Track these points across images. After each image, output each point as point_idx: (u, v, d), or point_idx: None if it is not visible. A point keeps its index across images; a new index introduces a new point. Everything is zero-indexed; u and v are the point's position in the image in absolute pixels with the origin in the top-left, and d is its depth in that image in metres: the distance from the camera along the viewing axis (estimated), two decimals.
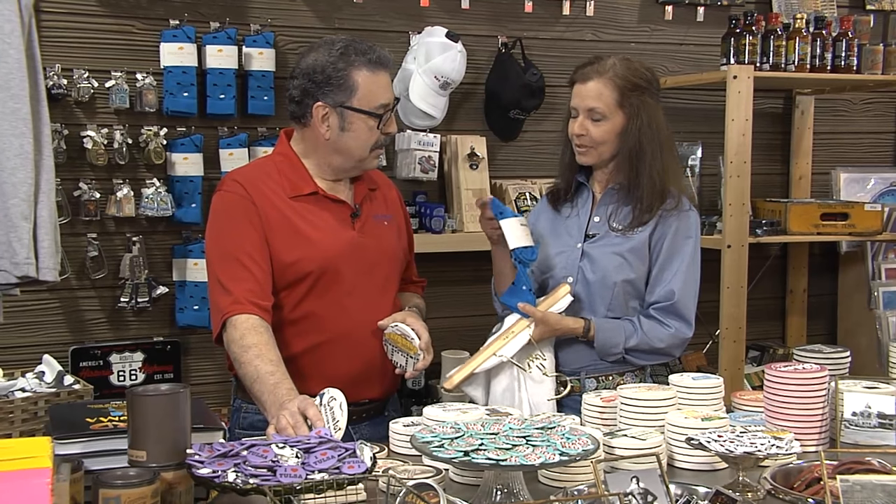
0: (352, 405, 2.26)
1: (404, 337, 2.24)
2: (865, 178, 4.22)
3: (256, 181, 2.28)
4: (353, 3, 3.48)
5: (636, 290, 2.43)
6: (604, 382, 2.39)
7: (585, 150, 2.45)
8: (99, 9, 3.18)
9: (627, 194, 2.44)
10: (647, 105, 2.41)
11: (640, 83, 2.41)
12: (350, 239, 2.29)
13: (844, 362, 2.33)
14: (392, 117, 2.30)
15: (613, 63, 2.42)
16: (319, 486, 1.55)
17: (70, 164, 3.11)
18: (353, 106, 2.24)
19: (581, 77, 2.44)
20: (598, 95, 2.40)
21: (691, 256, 2.43)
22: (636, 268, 2.42)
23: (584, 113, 2.42)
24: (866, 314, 4.08)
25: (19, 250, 2.59)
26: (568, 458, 1.66)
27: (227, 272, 2.21)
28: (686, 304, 2.41)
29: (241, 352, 2.12)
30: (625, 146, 2.41)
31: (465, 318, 2.88)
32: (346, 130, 2.26)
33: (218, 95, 3.22)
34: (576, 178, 2.54)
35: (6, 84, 2.58)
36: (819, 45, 3.66)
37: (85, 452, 1.70)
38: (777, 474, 1.84)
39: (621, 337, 2.39)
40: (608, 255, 2.42)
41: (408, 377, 2.29)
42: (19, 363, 2.71)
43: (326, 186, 2.32)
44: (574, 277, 2.45)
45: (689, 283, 2.42)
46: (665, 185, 2.41)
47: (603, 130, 2.41)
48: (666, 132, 2.44)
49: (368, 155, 2.29)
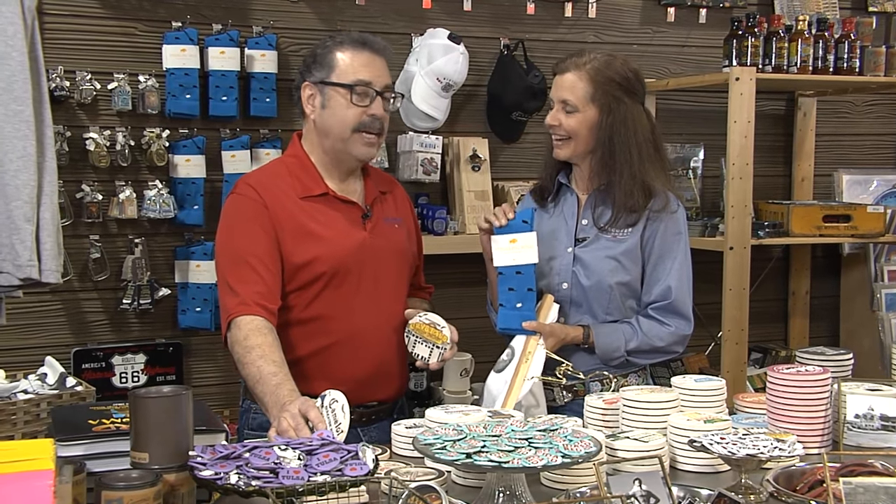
0: (360, 407, 2.27)
1: (433, 326, 2.23)
2: (868, 180, 4.22)
3: (269, 184, 2.29)
4: (355, 5, 3.48)
5: (632, 291, 2.43)
6: (608, 385, 2.39)
7: (560, 143, 2.45)
8: (101, 11, 3.18)
9: (609, 195, 2.44)
10: (622, 103, 2.39)
11: (616, 79, 2.40)
12: (361, 239, 2.29)
13: (847, 364, 2.33)
14: (378, 100, 2.27)
15: (593, 58, 2.42)
16: (321, 488, 1.55)
17: (72, 165, 3.12)
18: (331, 80, 2.27)
19: (560, 69, 2.45)
20: (572, 87, 2.40)
21: (683, 253, 2.44)
22: (630, 270, 2.41)
23: (558, 104, 2.44)
24: (869, 316, 4.07)
25: (22, 252, 2.60)
26: (570, 461, 1.66)
27: (236, 274, 2.21)
28: (683, 301, 2.42)
29: (244, 352, 2.12)
30: (598, 142, 2.40)
31: (467, 320, 2.87)
32: (326, 107, 2.28)
33: (220, 97, 3.23)
34: (557, 180, 2.54)
35: (9, 86, 2.58)
36: (821, 46, 3.65)
37: (87, 454, 1.71)
38: (780, 477, 1.83)
39: (621, 340, 2.39)
40: (601, 259, 2.42)
41: (431, 368, 2.28)
42: (22, 365, 2.72)
43: (337, 188, 2.32)
44: (568, 283, 2.44)
45: (684, 279, 2.43)
46: (646, 185, 2.39)
47: (574, 122, 2.41)
48: (647, 133, 2.42)
49: (350, 136, 2.27)
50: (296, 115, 3.41)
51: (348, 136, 2.27)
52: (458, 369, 3.33)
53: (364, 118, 2.26)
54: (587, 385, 2.41)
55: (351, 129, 2.26)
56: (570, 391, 2.42)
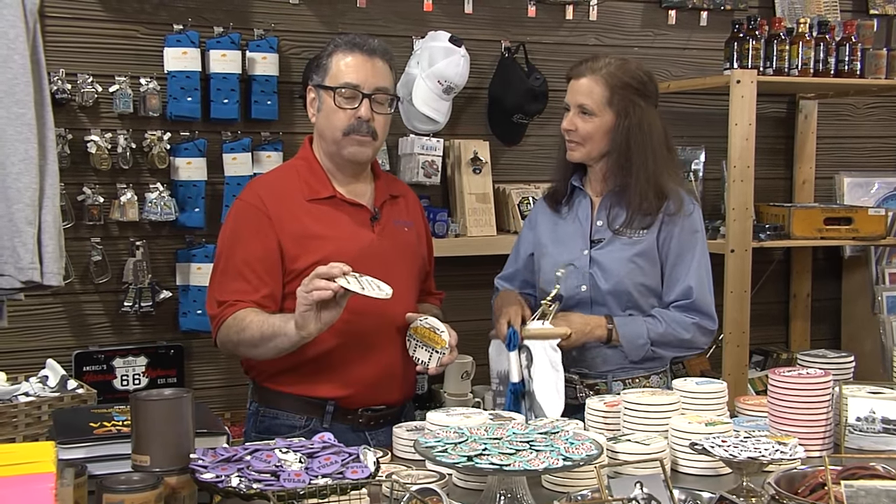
0: (368, 411, 2.28)
1: (433, 330, 2.23)
2: (869, 183, 4.22)
3: (276, 189, 2.30)
4: (356, 8, 3.48)
5: (651, 291, 2.44)
6: (630, 385, 2.39)
7: (574, 147, 2.46)
8: (103, 14, 3.18)
9: (623, 197, 2.44)
10: (638, 106, 2.41)
11: (633, 83, 2.42)
12: (369, 241, 2.29)
13: (848, 367, 2.32)
14: (366, 102, 2.26)
15: (608, 62, 2.44)
16: (323, 491, 1.55)
17: (74, 168, 3.12)
18: (324, 84, 2.29)
19: (575, 73, 2.46)
20: (589, 92, 2.42)
21: (701, 252, 2.45)
22: (647, 271, 2.42)
23: (574, 108, 2.45)
24: (870, 319, 4.07)
25: (24, 255, 2.60)
26: (571, 463, 1.66)
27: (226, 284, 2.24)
28: (704, 300, 2.42)
29: (240, 329, 2.15)
30: (614, 145, 2.42)
31: (468, 323, 2.88)
32: (320, 110, 2.31)
33: (221, 100, 3.23)
34: (571, 182, 2.54)
35: (11, 89, 2.59)
36: (822, 49, 3.66)
37: (88, 457, 1.71)
38: (781, 479, 1.83)
39: (643, 328, 2.39)
40: (618, 260, 2.42)
41: (430, 373, 2.27)
42: (23, 367, 2.72)
43: (345, 190, 2.32)
44: (587, 285, 2.44)
45: (704, 278, 2.44)
46: (660, 188, 2.41)
47: (591, 126, 2.42)
48: (661, 136, 2.45)
49: (341, 138, 2.27)
50: (297, 118, 3.41)
51: (339, 138, 2.28)
52: (459, 372, 3.33)
53: (352, 121, 2.26)
54: (609, 384, 2.41)
55: (341, 132, 2.27)
56: (593, 389, 2.42)
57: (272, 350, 2.14)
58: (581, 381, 2.44)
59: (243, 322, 2.16)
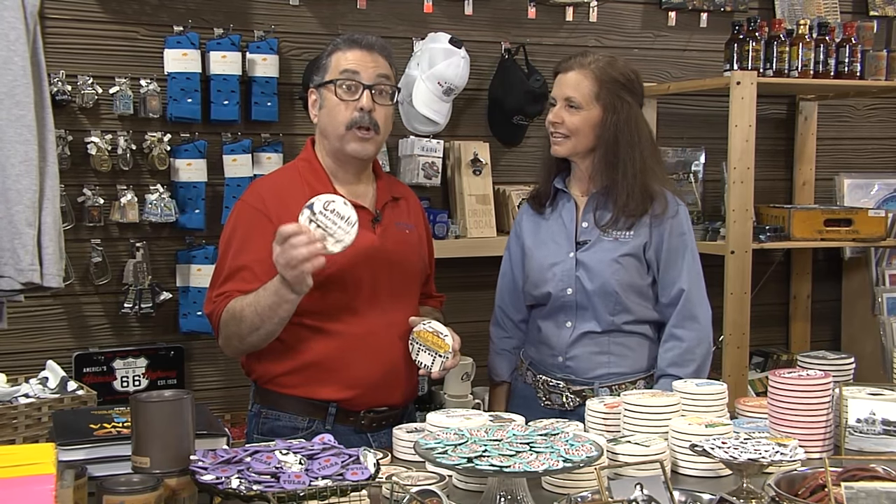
0: (371, 412, 2.27)
1: (436, 334, 2.22)
2: (869, 184, 4.22)
3: (277, 190, 2.30)
4: (356, 10, 3.49)
5: (637, 291, 2.43)
6: (616, 391, 2.38)
7: (561, 140, 2.46)
8: (103, 15, 3.19)
9: (609, 197, 2.44)
10: (626, 102, 2.42)
11: (621, 80, 2.43)
12: (370, 242, 2.28)
13: (848, 369, 2.32)
14: (367, 93, 2.25)
15: (597, 58, 2.45)
16: (323, 492, 1.55)
17: (74, 170, 3.12)
18: (324, 81, 2.29)
19: (563, 67, 2.47)
20: (577, 85, 2.42)
21: (690, 252, 2.46)
22: (633, 271, 2.41)
23: (561, 102, 2.45)
24: (870, 320, 4.07)
25: (24, 257, 2.60)
26: (571, 465, 1.66)
27: (225, 279, 2.25)
28: (698, 301, 2.43)
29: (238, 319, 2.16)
30: (601, 141, 2.41)
31: (469, 324, 2.87)
32: (323, 108, 2.31)
33: (222, 101, 3.23)
34: (554, 185, 2.54)
35: (11, 91, 2.59)
36: (822, 51, 3.66)
37: (88, 458, 1.71)
38: (781, 481, 1.83)
39: None
40: (604, 262, 2.41)
41: (433, 377, 2.27)
42: (23, 369, 2.71)
43: (346, 192, 2.31)
44: (573, 288, 2.44)
45: (694, 278, 2.44)
46: (646, 186, 2.41)
47: (578, 119, 2.42)
48: (646, 134, 2.46)
49: (345, 133, 2.26)
50: (297, 120, 3.42)
51: (343, 133, 2.27)
52: (459, 373, 3.33)
53: (354, 114, 2.25)
54: (596, 390, 2.41)
55: (344, 126, 2.26)
56: (580, 396, 2.42)
57: (277, 325, 2.15)
58: (567, 387, 2.44)
59: (237, 313, 2.16)
